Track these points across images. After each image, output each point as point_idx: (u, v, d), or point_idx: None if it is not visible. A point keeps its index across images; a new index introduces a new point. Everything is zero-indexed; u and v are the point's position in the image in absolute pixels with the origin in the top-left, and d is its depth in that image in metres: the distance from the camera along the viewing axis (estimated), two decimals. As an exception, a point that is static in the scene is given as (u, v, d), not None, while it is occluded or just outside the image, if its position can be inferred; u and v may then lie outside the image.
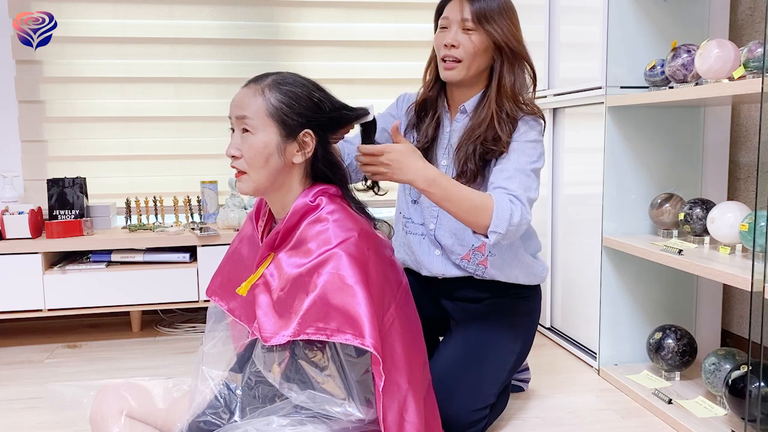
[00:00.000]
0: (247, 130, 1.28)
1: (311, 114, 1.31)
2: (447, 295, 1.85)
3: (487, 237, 1.51)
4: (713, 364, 1.87)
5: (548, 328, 2.67)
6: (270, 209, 1.43)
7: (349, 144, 1.71)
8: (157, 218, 2.87)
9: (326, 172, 1.36)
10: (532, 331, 1.87)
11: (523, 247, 1.79)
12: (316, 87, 1.35)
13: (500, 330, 1.79)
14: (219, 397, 1.30)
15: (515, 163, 1.61)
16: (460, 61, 1.66)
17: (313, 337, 1.18)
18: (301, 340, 1.20)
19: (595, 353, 2.26)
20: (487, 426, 1.76)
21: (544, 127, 1.71)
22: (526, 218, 1.54)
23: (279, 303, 1.24)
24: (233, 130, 1.32)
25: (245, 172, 1.30)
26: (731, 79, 1.78)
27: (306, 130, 1.30)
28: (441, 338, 1.91)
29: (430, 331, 1.88)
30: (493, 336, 1.78)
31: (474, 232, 1.55)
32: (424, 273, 1.82)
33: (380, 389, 1.20)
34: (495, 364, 1.77)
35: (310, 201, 1.31)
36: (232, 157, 1.30)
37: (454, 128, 1.76)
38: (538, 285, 1.88)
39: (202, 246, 2.59)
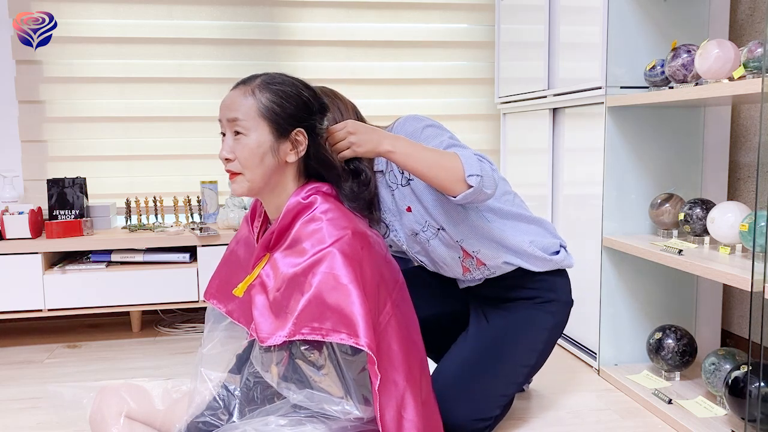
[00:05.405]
0: (239, 132, 1.29)
1: (302, 113, 1.32)
2: (475, 293, 1.83)
3: (470, 188, 1.40)
4: (713, 364, 1.87)
5: (548, 328, 2.66)
6: (265, 210, 1.43)
7: None
8: (157, 218, 2.87)
9: (319, 170, 1.36)
10: (551, 345, 1.80)
11: (492, 225, 1.66)
12: (304, 85, 1.36)
13: (519, 341, 1.74)
14: (218, 399, 1.30)
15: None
16: None
17: (309, 337, 1.19)
18: (297, 340, 1.21)
19: (595, 353, 2.25)
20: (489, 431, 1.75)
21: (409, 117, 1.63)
22: (494, 168, 1.46)
23: (275, 303, 1.24)
24: (224, 135, 1.33)
25: (239, 173, 1.31)
26: (731, 79, 1.77)
27: (298, 128, 1.31)
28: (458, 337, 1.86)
29: (454, 325, 1.87)
30: (510, 347, 1.74)
31: (453, 196, 1.42)
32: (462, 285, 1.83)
33: (376, 388, 1.20)
34: (506, 377, 1.73)
35: (303, 199, 1.32)
36: (226, 159, 1.31)
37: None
38: (566, 290, 1.80)
39: (202, 246, 2.59)
